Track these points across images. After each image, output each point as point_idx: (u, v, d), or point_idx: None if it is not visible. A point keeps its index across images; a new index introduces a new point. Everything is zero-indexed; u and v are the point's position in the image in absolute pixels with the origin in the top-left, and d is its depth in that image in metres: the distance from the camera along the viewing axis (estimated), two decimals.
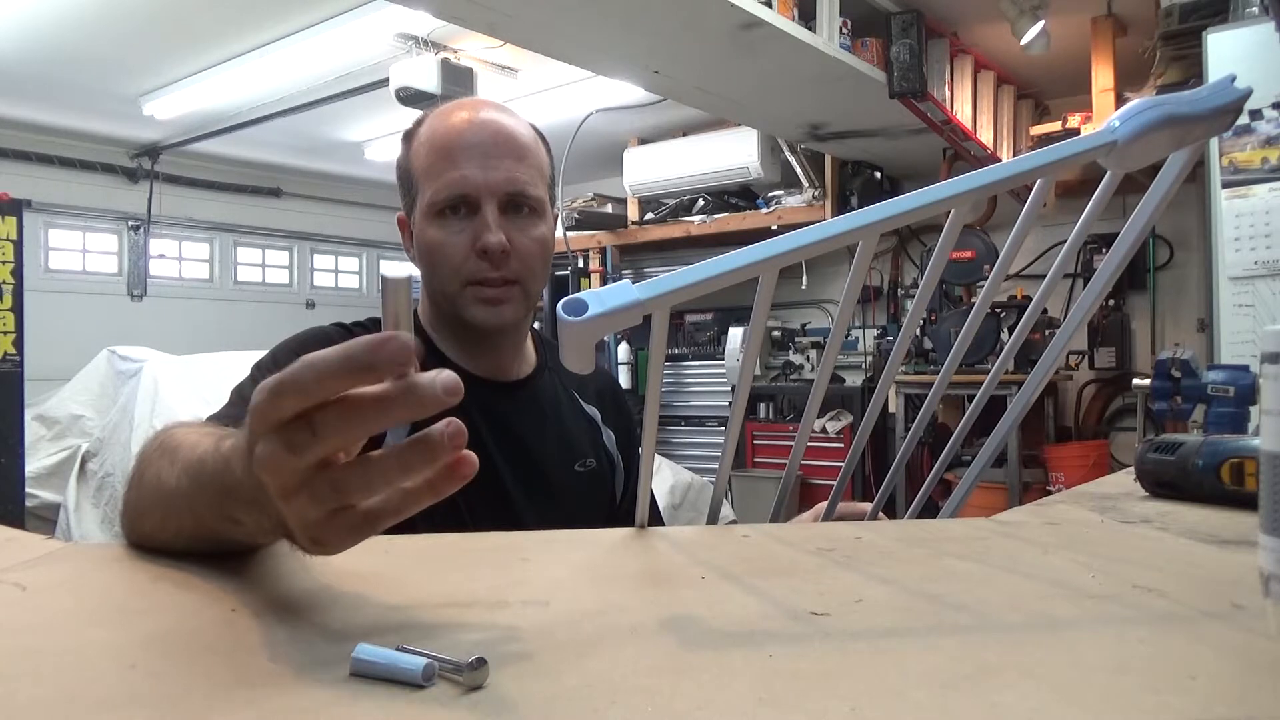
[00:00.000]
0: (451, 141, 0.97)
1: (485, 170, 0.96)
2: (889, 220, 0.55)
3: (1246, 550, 0.60)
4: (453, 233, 0.97)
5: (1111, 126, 0.58)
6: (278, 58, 4.10)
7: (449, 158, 0.96)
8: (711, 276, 0.51)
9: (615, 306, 0.49)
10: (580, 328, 0.48)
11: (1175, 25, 2.99)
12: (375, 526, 0.42)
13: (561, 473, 1.05)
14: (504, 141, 0.98)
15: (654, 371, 0.59)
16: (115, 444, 3.80)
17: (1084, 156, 0.58)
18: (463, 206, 0.96)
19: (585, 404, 1.13)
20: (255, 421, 0.40)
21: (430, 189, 0.97)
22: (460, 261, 0.97)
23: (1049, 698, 0.34)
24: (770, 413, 5.46)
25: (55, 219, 5.79)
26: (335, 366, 0.38)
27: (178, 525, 0.55)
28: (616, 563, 0.61)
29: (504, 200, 0.97)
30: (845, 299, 0.66)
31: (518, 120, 1.02)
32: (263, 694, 0.35)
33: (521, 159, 0.98)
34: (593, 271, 6.09)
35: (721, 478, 0.75)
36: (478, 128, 0.98)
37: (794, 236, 0.54)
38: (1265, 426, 0.40)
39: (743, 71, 3.52)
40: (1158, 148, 0.60)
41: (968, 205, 0.59)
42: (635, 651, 0.40)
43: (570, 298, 0.48)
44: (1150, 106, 0.58)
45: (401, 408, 0.38)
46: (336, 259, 7.32)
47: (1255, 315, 2.49)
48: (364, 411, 0.39)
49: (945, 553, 0.62)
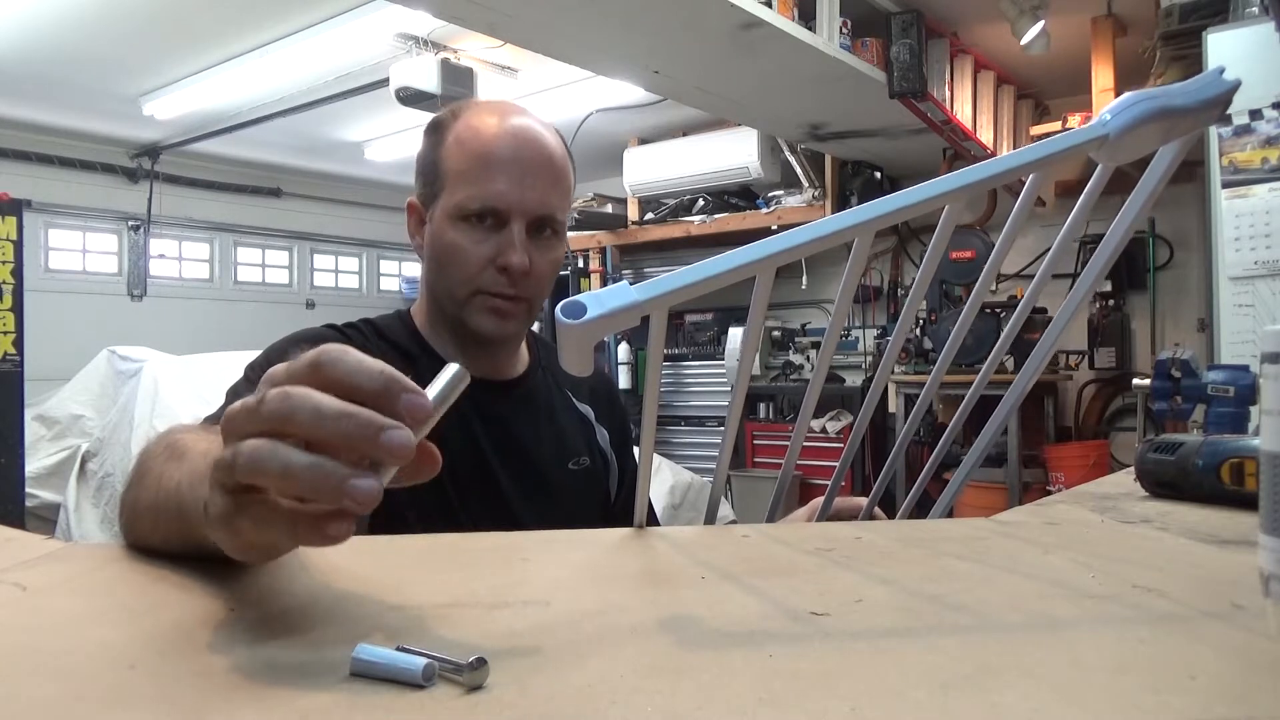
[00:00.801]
0: (490, 149, 0.96)
1: (521, 189, 0.95)
2: (882, 218, 0.55)
3: (1246, 550, 0.60)
4: (474, 241, 0.96)
5: (1103, 120, 0.58)
6: (278, 58, 4.10)
7: (485, 166, 0.96)
8: (708, 277, 0.51)
9: (614, 308, 0.49)
10: (579, 330, 0.48)
11: (1175, 25, 2.99)
12: (270, 526, 0.40)
13: (556, 471, 1.05)
14: (544, 163, 0.97)
15: (652, 371, 0.58)
16: (115, 444, 3.80)
17: (1076, 150, 0.58)
18: (490, 218, 0.96)
19: (578, 402, 1.14)
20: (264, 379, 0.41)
21: (461, 192, 0.97)
22: (476, 271, 0.96)
23: (1049, 698, 0.34)
24: (770, 413, 5.46)
25: (55, 219, 5.79)
26: (370, 372, 0.39)
27: (167, 529, 0.55)
28: (617, 563, 0.61)
29: (532, 221, 0.97)
30: (840, 296, 0.65)
31: (554, 137, 1.01)
32: (262, 694, 0.35)
33: (555, 182, 0.98)
34: (593, 271, 6.10)
35: (719, 478, 0.76)
36: (520, 142, 0.97)
37: (789, 235, 0.53)
38: (1265, 426, 0.40)
39: (743, 71, 3.52)
40: (1149, 140, 0.60)
41: (962, 202, 0.59)
42: (635, 651, 0.40)
43: (569, 300, 0.48)
44: (1142, 99, 0.58)
45: (351, 432, 0.37)
46: (336, 259, 7.32)
47: (1255, 315, 2.49)
48: (320, 414, 0.38)
49: (945, 553, 0.62)
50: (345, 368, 0.39)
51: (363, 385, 0.39)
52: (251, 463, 0.38)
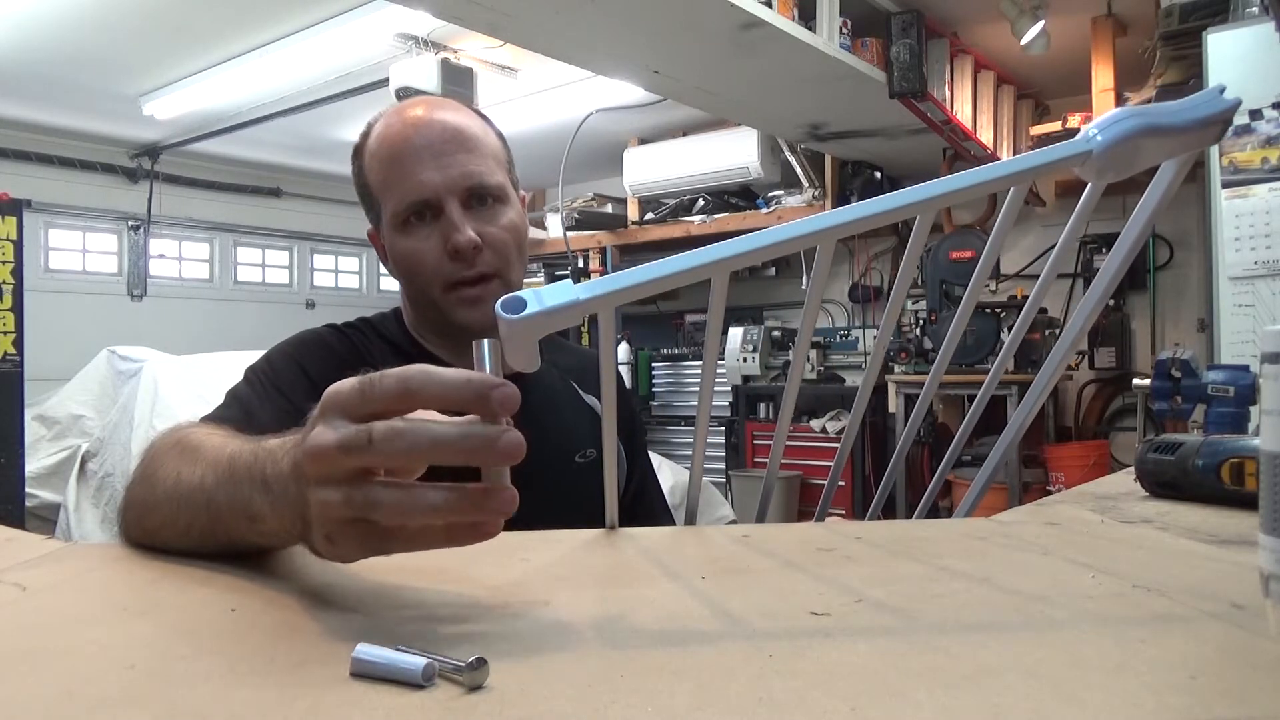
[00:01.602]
0: (399, 149, 0.96)
1: (440, 170, 0.94)
2: (844, 226, 0.54)
3: (1246, 550, 0.60)
4: (422, 239, 0.96)
5: (1088, 135, 0.56)
6: (277, 58, 4.10)
7: (399, 165, 0.96)
8: (655, 279, 0.51)
9: (553, 306, 0.48)
10: (519, 325, 0.48)
11: (1175, 25, 2.99)
12: (388, 549, 0.44)
13: (563, 463, 1.05)
14: (451, 137, 0.96)
15: (606, 369, 0.58)
16: (115, 444, 3.80)
17: (1057, 165, 0.56)
18: (426, 211, 0.96)
19: (585, 395, 1.13)
20: (329, 407, 0.43)
21: (391, 201, 0.97)
22: (436, 266, 0.96)
23: (1049, 698, 0.34)
24: (770, 413, 5.45)
25: (55, 219, 5.78)
26: (458, 385, 0.41)
27: (189, 520, 0.56)
28: (617, 562, 0.61)
29: (465, 196, 0.96)
30: (809, 302, 0.65)
31: (461, 112, 1.00)
32: (263, 694, 0.35)
33: (472, 150, 0.97)
34: (593, 271, 6.09)
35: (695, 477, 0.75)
36: (422, 129, 0.96)
37: (745, 240, 0.53)
38: (1265, 426, 0.40)
39: (743, 71, 3.52)
40: (1141, 158, 0.57)
41: (933, 212, 0.58)
42: (635, 651, 0.40)
43: (510, 295, 0.48)
44: (1128, 116, 0.56)
45: (470, 455, 0.41)
46: (336, 259, 7.31)
47: (1255, 315, 2.49)
48: (436, 446, 0.41)
49: (945, 553, 0.62)
50: (438, 387, 0.42)
51: (458, 397, 0.42)
52: (399, 510, 0.41)
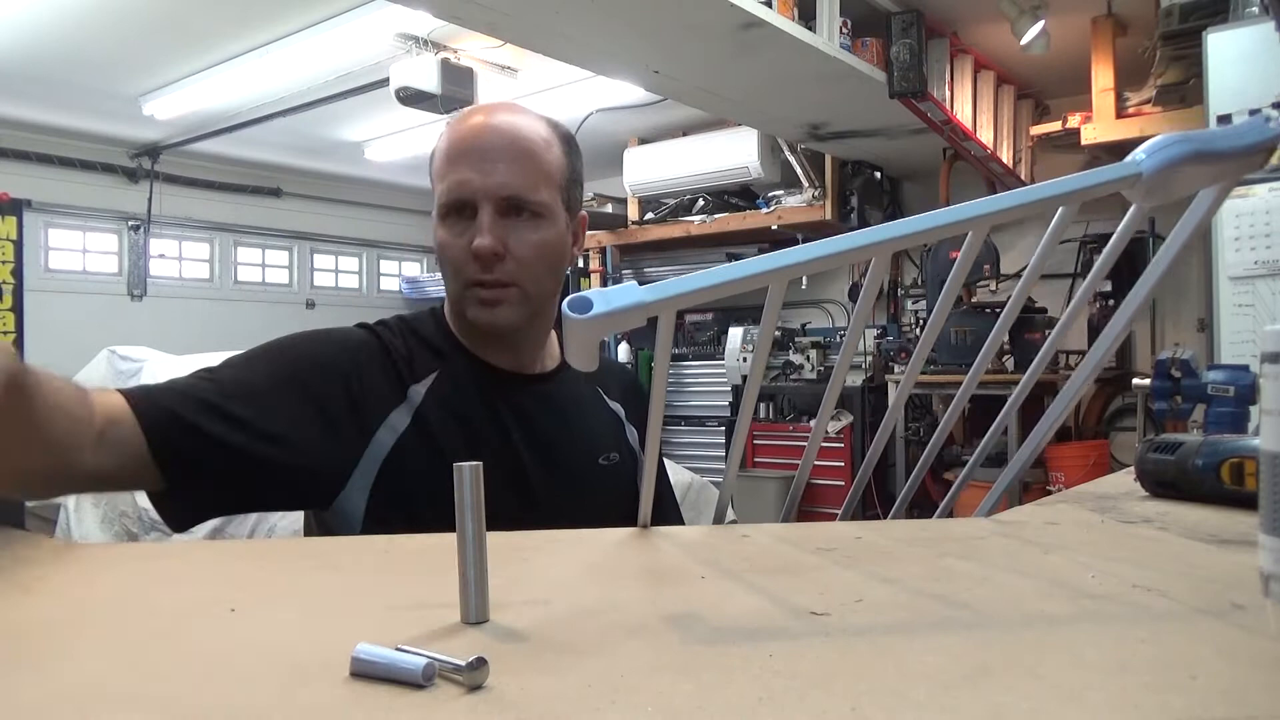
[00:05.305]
0: (456, 146, 0.99)
1: (482, 174, 0.96)
2: (901, 240, 0.55)
3: (1246, 550, 0.60)
4: (455, 234, 0.98)
5: (1137, 159, 0.57)
6: (278, 58, 4.10)
7: (452, 160, 0.98)
8: (719, 284, 0.52)
9: (620, 307, 0.49)
10: (584, 325, 0.49)
11: (1175, 25, 2.99)
12: None
13: (585, 465, 1.06)
14: (506, 145, 0.98)
15: (659, 373, 0.59)
16: None
17: (1107, 187, 0.58)
18: (466, 209, 0.97)
19: (609, 400, 1.15)
20: None
21: (438, 192, 0.99)
22: (461, 263, 0.98)
23: (1049, 698, 0.34)
24: (770, 413, 5.45)
25: (55, 219, 5.78)
26: None
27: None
28: (617, 562, 0.61)
29: (501, 204, 0.97)
30: (857, 314, 0.66)
31: (530, 121, 1.01)
32: (263, 694, 0.35)
33: (520, 162, 0.98)
34: (593, 271, 6.09)
35: (728, 481, 0.76)
36: (484, 131, 0.99)
37: (804, 250, 0.54)
38: (1265, 426, 0.40)
39: (743, 71, 3.52)
40: (1185, 183, 0.59)
41: (985, 229, 0.59)
42: (635, 651, 0.40)
43: (576, 295, 0.49)
44: (1179, 140, 0.57)
45: None
46: (336, 259, 7.31)
47: (1255, 315, 2.49)
48: None
49: (945, 553, 0.62)
50: None
51: None
52: None
